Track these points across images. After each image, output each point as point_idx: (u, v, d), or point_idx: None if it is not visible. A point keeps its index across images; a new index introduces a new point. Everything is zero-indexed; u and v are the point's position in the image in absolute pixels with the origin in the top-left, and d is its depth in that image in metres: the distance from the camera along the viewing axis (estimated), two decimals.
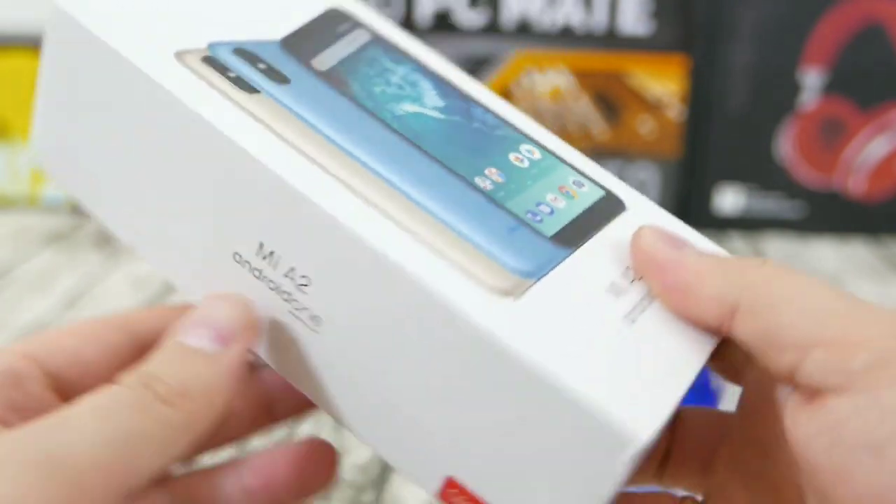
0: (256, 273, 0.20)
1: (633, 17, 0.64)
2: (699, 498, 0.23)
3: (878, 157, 0.66)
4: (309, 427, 0.38)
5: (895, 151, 0.66)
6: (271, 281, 0.20)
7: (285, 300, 0.20)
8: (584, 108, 0.66)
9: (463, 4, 0.64)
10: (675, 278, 0.19)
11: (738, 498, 0.21)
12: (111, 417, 0.18)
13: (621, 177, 0.41)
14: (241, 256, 0.20)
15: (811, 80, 0.65)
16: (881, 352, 0.17)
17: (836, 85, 0.65)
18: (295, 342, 0.20)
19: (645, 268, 0.20)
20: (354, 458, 0.35)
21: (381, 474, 0.34)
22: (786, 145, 0.66)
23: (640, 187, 0.66)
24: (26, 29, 0.76)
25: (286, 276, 0.19)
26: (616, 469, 0.17)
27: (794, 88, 0.65)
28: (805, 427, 0.18)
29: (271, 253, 0.19)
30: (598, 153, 0.65)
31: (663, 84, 0.65)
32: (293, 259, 0.19)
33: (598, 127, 0.66)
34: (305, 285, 0.19)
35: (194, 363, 0.19)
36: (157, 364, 0.19)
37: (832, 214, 0.67)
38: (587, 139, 0.65)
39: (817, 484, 0.18)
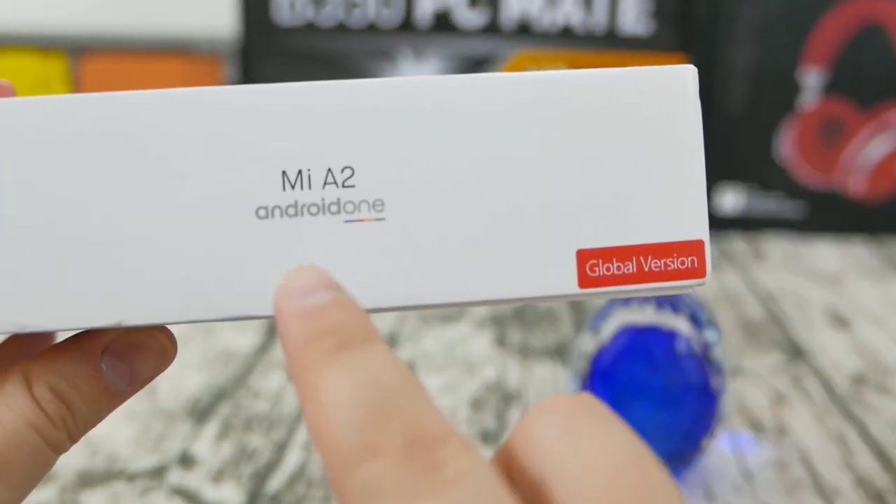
0: (291, 211, 0.19)
1: (633, 17, 0.64)
2: None
3: (878, 157, 0.66)
4: (304, 434, 0.38)
5: (895, 151, 0.66)
6: (312, 205, 0.19)
7: (334, 213, 0.19)
8: None
9: (463, 4, 0.64)
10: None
11: None
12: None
13: None
14: (266, 208, 0.19)
15: (811, 80, 0.65)
16: None
17: (836, 85, 0.65)
18: (361, 253, 0.20)
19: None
20: None
21: None
22: (786, 145, 0.66)
23: None
24: (26, 29, 0.76)
25: (326, 184, 0.19)
26: (690, 101, 0.19)
27: (794, 88, 0.65)
28: None
29: (299, 172, 0.19)
30: None
31: None
32: (326, 159, 0.19)
33: None
34: (350, 176, 0.19)
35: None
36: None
37: (832, 214, 0.67)
38: None
39: None
